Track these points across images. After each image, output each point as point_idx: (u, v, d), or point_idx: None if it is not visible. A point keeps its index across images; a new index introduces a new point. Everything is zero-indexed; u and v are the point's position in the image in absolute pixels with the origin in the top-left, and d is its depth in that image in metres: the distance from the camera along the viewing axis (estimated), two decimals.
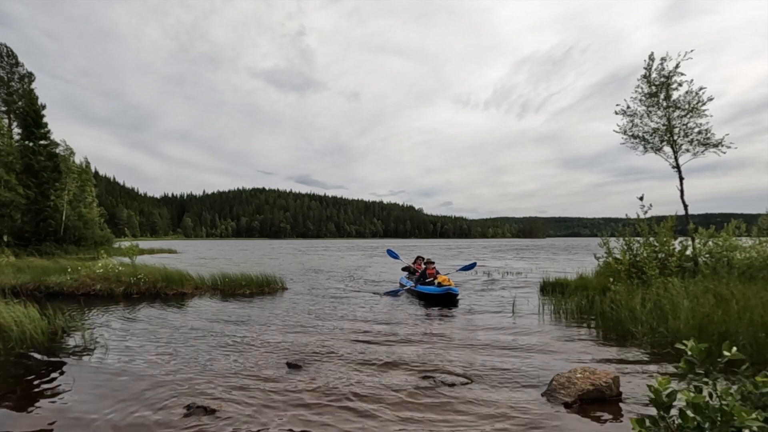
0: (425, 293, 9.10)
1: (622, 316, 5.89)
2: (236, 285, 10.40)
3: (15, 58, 30.37)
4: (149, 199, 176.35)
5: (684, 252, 7.99)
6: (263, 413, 3.28)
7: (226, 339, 5.67)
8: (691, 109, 8.32)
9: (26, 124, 26.15)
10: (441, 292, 8.63)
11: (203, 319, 7.12)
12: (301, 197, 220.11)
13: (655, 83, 8.58)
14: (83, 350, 5.15)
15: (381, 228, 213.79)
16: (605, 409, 3.32)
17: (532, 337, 5.77)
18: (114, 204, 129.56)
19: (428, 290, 9.04)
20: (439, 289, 8.71)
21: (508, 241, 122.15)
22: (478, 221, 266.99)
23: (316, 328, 6.38)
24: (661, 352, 4.85)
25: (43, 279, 10.29)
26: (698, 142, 8.40)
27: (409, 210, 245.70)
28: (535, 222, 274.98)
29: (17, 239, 25.08)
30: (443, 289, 8.63)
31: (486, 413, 3.26)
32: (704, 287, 5.90)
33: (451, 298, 8.59)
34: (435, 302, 8.61)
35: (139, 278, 9.96)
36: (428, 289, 9.10)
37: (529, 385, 3.89)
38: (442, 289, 8.64)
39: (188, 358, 4.76)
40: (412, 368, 4.38)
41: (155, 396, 3.63)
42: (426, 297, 9.03)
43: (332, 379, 4.05)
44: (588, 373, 3.62)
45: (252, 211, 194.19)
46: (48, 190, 26.43)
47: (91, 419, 3.22)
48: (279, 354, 4.92)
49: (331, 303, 8.79)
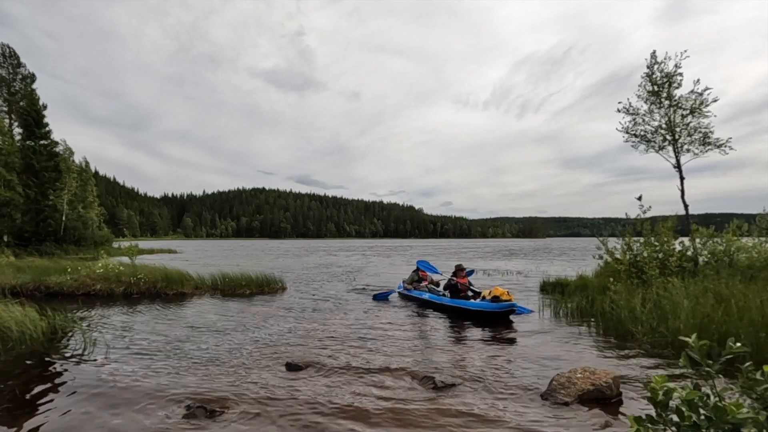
0: (473, 310, 7.09)
1: (622, 316, 5.89)
2: (236, 285, 10.39)
3: (17, 58, 30.42)
4: (149, 199, 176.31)
5: (685, 252, 7.98)
6: (263, 413, 3.27)
7: (226, 339, 5.67)
8: (693, 110, 8.31)
9: (27, 123, 26.17)
10: (502, 308, 6.73)
11: (203, 319, 7.12)
12: (301, 197, 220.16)
13: (657, 82, 8.57)
14: (83, 350, 5.14)
15: (381, 228, 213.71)
16: (605, 409, 3.31)
17: (532, 337, 5.77)
18: (114, 204, 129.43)
19: (478, 306, 7.02)
20: (497, 305, 6.76)
21: (509, 241, 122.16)
22: (478, 221, 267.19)
23: (315, 328, 6.38)
24: (662, 352, 4.85)
25: (43, 279, 10.29)
26: (699, 141, 8.39)
27: (409, 210, 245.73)
28: (535, 222, 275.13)
29: (17, 239, 25.09)
30: (504, 305, 6.72)
31: (486, 413, 3.26)
32: (704, 287, 5.90)
33: (506, 315, 6.89)
34: (487, 320, 6.87)
35: (139, 278, 9.96)
36: (478, 305, 7.07)
37: (529, 385, 3.89)
38: (503, 305, 6.73)
39: (188, 358, 4.76)
40: (411, 369, 4.37)
41: (155, 396, 3.63)
42: (473, 315, 7.11)
43: (331, 379, 4.05)
44: (588, 373, 3.62)
45: (252, 211, 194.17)
46: (48, 189, 26.45)
47: (90, 420, 3.22)
48: (279, 354, 4.92)
49: (331, 303, 8.79)
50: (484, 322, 6.80)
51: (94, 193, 37.00)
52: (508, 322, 6.76)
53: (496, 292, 6.93)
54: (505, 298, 6.78)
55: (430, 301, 8.34)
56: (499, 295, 6.84)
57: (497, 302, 6.77)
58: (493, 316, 6.82)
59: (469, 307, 7.18)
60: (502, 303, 6.74)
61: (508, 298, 6.82)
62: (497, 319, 6.80)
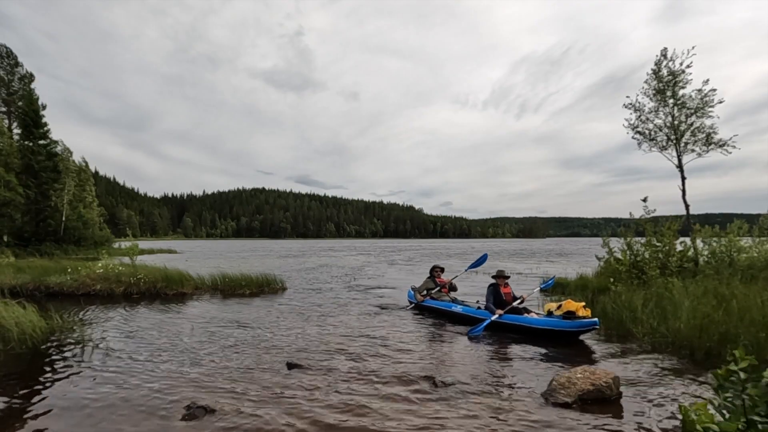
0: (538, 328, 5.68)
1: (623, 316, 5.89)
2: (236, 285, 10.39)
3: (15, 58, 30.37)
4: (149, 199, 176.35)
5: (686, 252, 7.99)
6: (263, 413, 3.27)
7: (226, 339, 5.66)
8: (697, 110, 8.32)
9: (26, 124, 26.17)
10: (579, 328, 5.33)
11: (203, 319, 7.11)
12: (300, 197, 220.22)
13: (663, 79, 8.57)
14: (82, 351, 5.14)
15: (381, 228, 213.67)
16: (605, 410, 3.31)
17: (532, 337, 5.76)
18: (114, 204, 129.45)
19: (546, 324, 5.59)
20: (572, 324, 5.36)
21: (509, 241, 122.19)
22: (478, 221, 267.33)
23: (316, 328, 6.38)
24: (662, 353, 4.85)
25: (43, 279, 10.28)
26: (703, 141, 8.40)
27: (409, 210, 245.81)
28: (535, 222, 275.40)
29: (17, 239, 25.09)
30: (584, 324, 5.31)
31: (486, 413, 3.26)
32: (705, 287, 5.90)
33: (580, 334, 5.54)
34: (552, 339, 5.56)
35: (139, 278, 9.95)
36: (545, 322, 5.62)
37: (529, 385, 3.89)
38: (581, 324, 5.32)
39: (188, 358, 4.76)
40: (411, 368, 4.37)
41: (155, 396, 3.63)
42: (534, 333, 5.73)
43: (332, 379, 4.05)
44: (588, 373, 3.62)
45: (252, 211, 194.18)
46: (48, 190, 26.45)
47: (90, 420, 3.21)
48: (279, 354, 4.92)
49: (332, 304, 8.78)
50: (544, 340, 5.59)
51: (93, 193, 36.96)
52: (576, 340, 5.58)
53: (570, 306, 5.51)
54: (581, 314, 5.43)
55: (467, 315, 6.73)
56: (574, 310, 5.46)
57: (571, 319, 5.41)
58: (564, 336, 5.49)
59: (532, 325, 5.72)
60: (578, 321, 5.35)
61: (585, 314, 5.45)
62: (567, 339, 5.50)
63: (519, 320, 5.97)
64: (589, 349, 5.21)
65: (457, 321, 6.88)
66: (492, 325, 6.11)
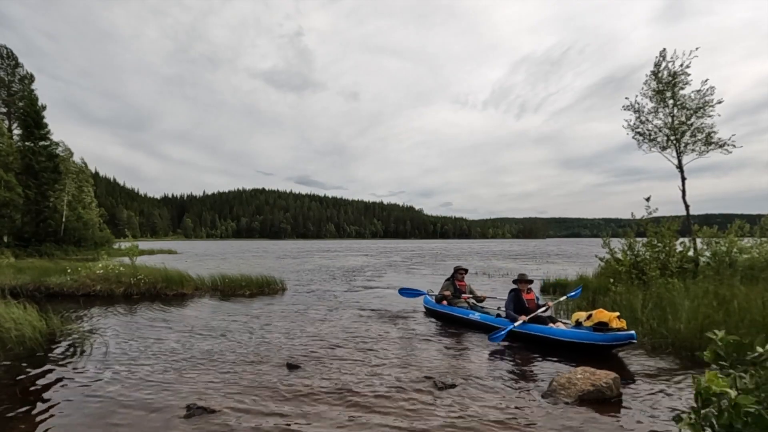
0: (565, 341, 5.04)
1: (623, 316, 5.88)
2: (236, 286, 10.39)
3: (15, 59, 30.39)
4: (149, 200, 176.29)
5: (686, 253, 7.99)
6: (263, 413, 3.27)
7: (226, 339, 5.66)
8: (697, 109, 8.32)
9: (26, 124, 26.20)
10: (614, 341, 4.67)
11: (203, 319, 7.11)
12: (300, 198, 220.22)
13: (663, 80, 8.58)
14: (82, 351, 5.13)
15: (381, 228, 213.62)
16: (606, 410, 3.31)
17: None
18: (114, 205, 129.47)
19: (576, 336, 4.94)
20: (605, 337, 4.70)
21: (509, 242, 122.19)
22: (478, 222, 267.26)
23: (315, 328, 6.37)
24: (662, 353, 4.85)
25: (43, 280, 10.29)
26: (703, 141, 8.40)
27: (409, 210, 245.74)
28: (535, 222, 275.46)
29: (17, 240, 25.11)
30: (620, 337, 4.64)
31: (486, 414, 3.25)
32: (705, 288, 5.89)
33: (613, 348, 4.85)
34: (581, 353, 4.89)
35: (139, 279, 9.95)
36: (574, 334, 4.98)
37: (530, 386, 3.89)
38: (616, 337, 4.65)
39: (188, 359, 4.75)
40: (411, 369, 4.37)
41: (155, 396, 3.62)
42: (561, 346, 5.09)
43: (331, 379, 4.04)
44: (588, 374, 3.62)
45: (252, 212, 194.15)
46: (48, 190, 26.47)
47: (90, 421, 3.21)
48: (279, 354, 4.92)
49: (332, 304, 8.78)
50: (571, 354, 4.93)
51: (92, 194, 36.92)
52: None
53: (602, 317, 4.85)
54: (615, 326, 4.74)
55: (485, 324, 6.18)
56: (607, 321, 4.79)
57: (604, 332, 4.75)
58: (596, 350, 4.81)
59: (558, 337, 5.09)
60: (612, 333, 4.68)
61: (619, 325, 4.76)
62: (599, 354, 4.80)
63: (543, 331, 5.31)
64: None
65: (474, 330, 6.30)
66: (514, 335, 5.53)
